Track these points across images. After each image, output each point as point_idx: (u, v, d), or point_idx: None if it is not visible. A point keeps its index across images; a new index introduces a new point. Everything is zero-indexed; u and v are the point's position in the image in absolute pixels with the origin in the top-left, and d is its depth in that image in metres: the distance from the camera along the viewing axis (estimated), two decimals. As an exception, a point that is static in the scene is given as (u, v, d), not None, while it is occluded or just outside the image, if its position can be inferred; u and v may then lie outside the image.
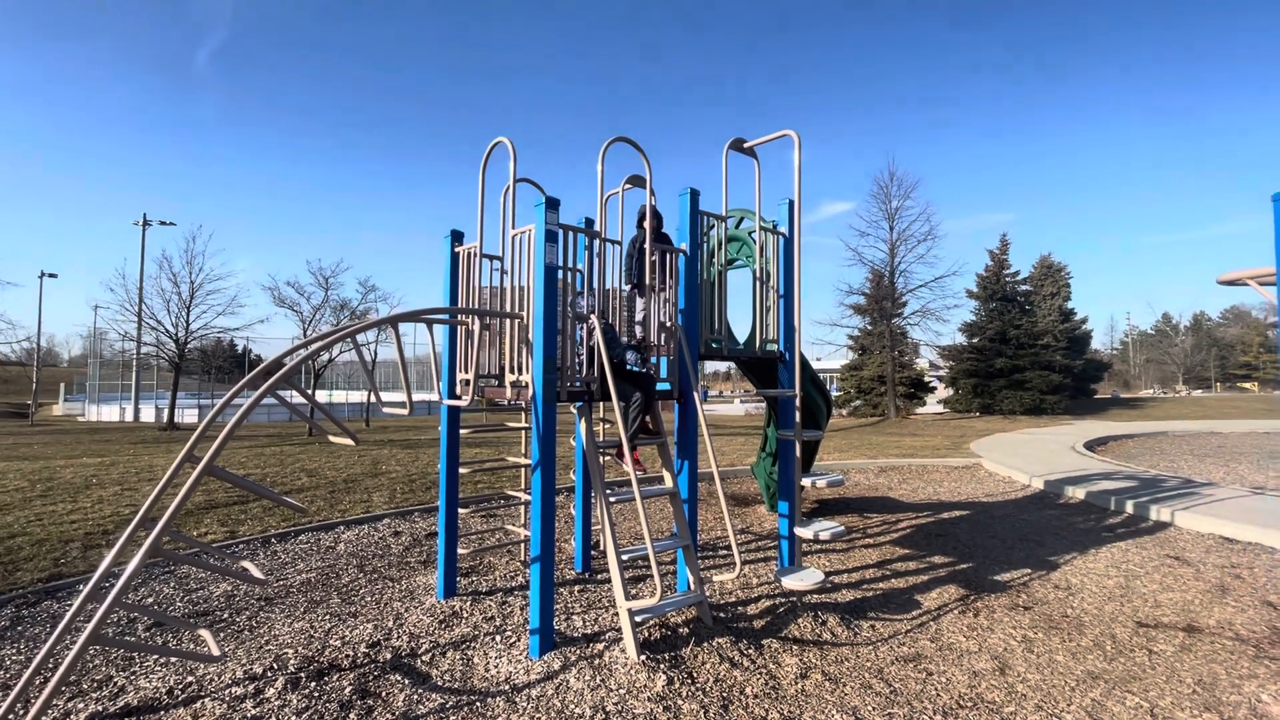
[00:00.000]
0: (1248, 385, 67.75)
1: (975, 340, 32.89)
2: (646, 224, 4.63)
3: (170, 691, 3.46)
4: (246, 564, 3.53)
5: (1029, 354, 31.07)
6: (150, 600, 4.90)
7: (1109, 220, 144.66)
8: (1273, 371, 66.13)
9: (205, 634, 3.42)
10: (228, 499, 7.98)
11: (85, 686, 3.54)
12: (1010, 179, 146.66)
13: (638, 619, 3.93)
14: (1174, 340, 77.43)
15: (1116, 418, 27.63)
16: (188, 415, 26.97)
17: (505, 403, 4.43)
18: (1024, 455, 13.28)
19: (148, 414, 29.91)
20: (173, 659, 3.83)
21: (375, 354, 23.22)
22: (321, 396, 26.70)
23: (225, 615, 4.59)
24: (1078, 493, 9.13)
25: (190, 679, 3.59)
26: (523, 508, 6.02)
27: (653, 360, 4.86)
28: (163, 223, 32.77)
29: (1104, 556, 6.20)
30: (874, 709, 3.34)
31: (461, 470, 5.12)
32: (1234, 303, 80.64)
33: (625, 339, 4.85)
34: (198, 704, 3.35)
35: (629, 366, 4.53)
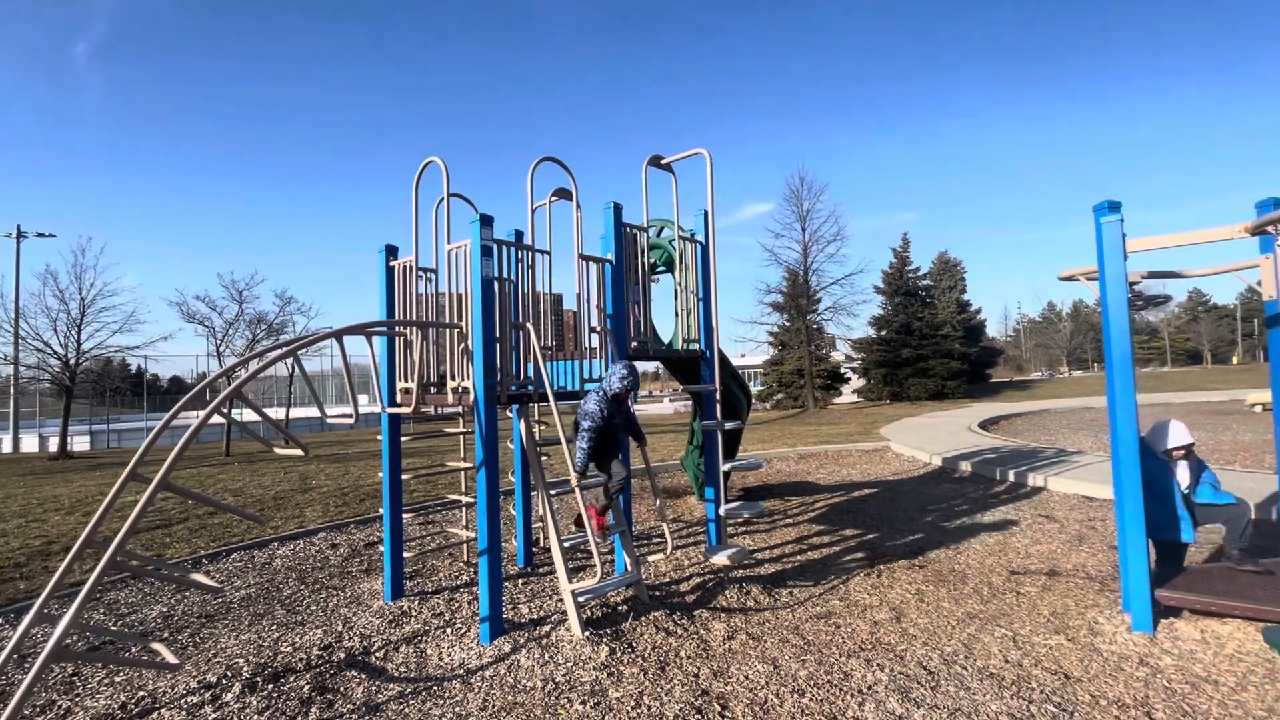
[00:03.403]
0: (1120, 365, 75.26)
1: (883, 333, 35.12)
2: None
3: (124, 707, 3.51)
4: (197, 576, 3.63)
5: (931, 344, 33.50)
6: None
7: (1001, 216, 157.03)
8: (1140, 352, 73.93)
9: (159, 646, 3.49)
10: (149, 524, 7.70)
11: (28, 712, 3.53)
12: (912, 178, 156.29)
13: (580, 599, 4.28)
14: (1058, 326, 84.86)
15: (1008, 399, 30.28)
16: (78, 443, 24.93)
17: (435, 410, 4.66)
18: (927, 436, 14.51)
19: (29, 443, 27.37)
20: (118, 677, 3.85)
21: (292, 369, 22.21)
22: (238, 414, 25.30)
23: (166, 634, 4.58)
24: (970, 467, 10.19)
25: (142, 693, 3.65)
26: (463, 511, 6.23)
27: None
28: (40, 234, 30.03)
29: (988, 519, 7.08)
30: (790, 658, 3.84)
31: (404, 476, 5.30)
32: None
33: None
34: (154, 715, 3.43)
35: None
